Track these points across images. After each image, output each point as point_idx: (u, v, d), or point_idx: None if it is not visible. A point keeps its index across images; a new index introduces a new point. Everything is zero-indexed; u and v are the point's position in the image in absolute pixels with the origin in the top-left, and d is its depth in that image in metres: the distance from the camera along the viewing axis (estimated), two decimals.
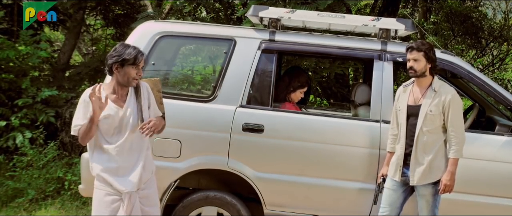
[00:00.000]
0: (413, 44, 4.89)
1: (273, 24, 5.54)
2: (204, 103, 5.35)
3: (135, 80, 4.23)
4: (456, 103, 4.80)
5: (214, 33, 5.58)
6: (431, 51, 4.87)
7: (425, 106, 4.82)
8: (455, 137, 4.78)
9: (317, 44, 5.47)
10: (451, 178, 4.77)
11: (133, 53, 4.19)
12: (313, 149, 5.23)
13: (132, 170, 4.28)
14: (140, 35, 5.48)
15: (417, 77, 4.91)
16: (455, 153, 4.78)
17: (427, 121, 4.80)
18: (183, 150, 5.27)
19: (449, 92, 4.81)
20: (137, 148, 4.30)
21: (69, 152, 8.73)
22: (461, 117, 4.84)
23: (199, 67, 10.99)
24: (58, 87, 9.33)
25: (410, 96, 4.98)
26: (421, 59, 4.84)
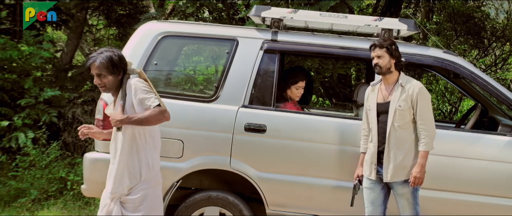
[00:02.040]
0: (375, 41, 4.93)
1: (276, 24, 5.54)
2: (206, 103, 5.35)
3: (99, 88, 4.32)
4: (424, 96, 4.83)
5: (216, 33, 5.58)
6: (393, 46, 4.90)
7: (394, 102, 4.84)
8: (424, 130, 4.79)
9: (319, 44, 5.47)
10: (421, 170, 4.77)
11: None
12: (315, 149, 5.23)
13: (113, 172, 4.34)
14: (143, 35, 5.49)
15: (383, 74, 4.92)
16: (425, 145, 4.78)
17: (397, 117, 4.81)
18: (185, 150, 5.27)
19: (416, 86, 4.84)
20: (125, 151, 4.31)
21: (72, 152, 8.74)
22: (429, 110, 4.86)
23: (201, 67, 10.99)
24: (61, 87, 9.35)
25: (378, 95, 4.99)
26: (384, 55, 4.86)
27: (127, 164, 4.30)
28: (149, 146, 4.38)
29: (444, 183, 5.21)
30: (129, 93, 4.27)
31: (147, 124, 4.25)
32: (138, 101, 4.24)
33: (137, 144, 4.33)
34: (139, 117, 4.19)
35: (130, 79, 4.32)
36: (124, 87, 4.29)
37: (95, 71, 4.24)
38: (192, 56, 10.62)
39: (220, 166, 5.30)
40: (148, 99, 4.24)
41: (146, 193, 4.36)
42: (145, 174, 4.34)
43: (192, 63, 10.53)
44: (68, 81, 10.05)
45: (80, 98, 9.57)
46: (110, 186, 4.35)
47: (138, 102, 4.25)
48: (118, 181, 4.31)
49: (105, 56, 4.26)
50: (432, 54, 5.47)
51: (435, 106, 12.53)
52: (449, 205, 5.20)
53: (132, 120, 4.19)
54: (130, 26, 10.97)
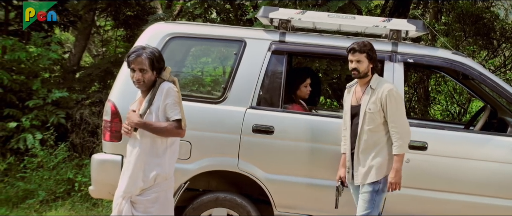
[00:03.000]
0: (355, 45, 4.83)
1: (283, 25, 5.54)
2: (214, 105, 5.36)
3: (135, 83, 4.31)
4: (393, 97, 4.73)
5: (224, 34, 5.59)
6: (373, 51, 4.85)
7: (364, 104, 4.81)
8: (396, 132, 4.71)
9: (327, 45, 5.47)
10: (396, 175, 4.72)
11: (128, 54, 4.29)
12: (323, 151, 5.24)
13: (129, 172, 4.34)
14: (150, 37, 5.50)
15: (360, 78, 4.89)
16: (397, 148, 4.71)
17: (367, 120, 4.77)
18: (193, 151, 5.28)
19: (385, 88, 4.75)
20: (145, 152, 4.33)
21: (79, 153, 8.76)
22: (400, 111, 4.77)
23: (209, 68, 11.00)
24: (69, 88, 9.38)
25: (353, 97, 4.98)
26: (363, 60, 4.81)
27: (143, 166, 4.32)
28: (170, 150, 4.43)
29: (453, 185, 5.19)
30: (159, 97, 4.31)
31: (160, 134, 4.32)
32: (163, 106, 4.30)
33: (158, 148, 4.36)
34: (155, 126, 4.26)
35: (163, 83, 4.35)
36: (155, 90, 4.32)
37: (138, 65, 4.25)
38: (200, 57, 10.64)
39: (228, 168, 5.31)
40: (172, 110, 4.31)
41: (158, 196, 4.38)
42: (160, 178, 4.37)
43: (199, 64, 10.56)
44: (76, 82, 10.10)
45: (88, 99, 9.59)
46: (123, 186, 4.36)
47: (163, 108, 4.30)
48: (132, 181, 4.33)
49: (150, 52, 4.31)
50: (441, 55, 5.45)
51: (443, 107, 12.49)
52: (458, 207, 5.19)
53: (148, 127, 4.26)
54: (138, 27, 10.99)
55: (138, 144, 4.34)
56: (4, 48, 9.52)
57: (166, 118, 4.33)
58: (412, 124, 5.34)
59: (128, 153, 4.41)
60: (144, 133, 4.31)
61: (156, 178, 4.34)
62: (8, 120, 8.61)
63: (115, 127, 5.25)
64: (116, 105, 5.28)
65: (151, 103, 4.30)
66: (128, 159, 4.40)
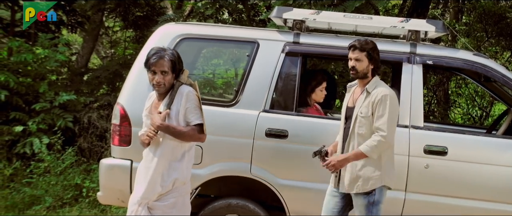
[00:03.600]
0: (356, 43, 4.73)
1: (298, 26, 5.55)
2: (226, 108, 5.38)
3: (155, 86, 4.32)
4: (385, 103, 4.57)
5: (236, 35, 5.60)
6: (375, 51, 4.74)
7: (357, 107, 4.70)
8: (376, 136, 4.55)
9: (343, 47, 5.46)
10: (342, 162, 4.62)
11: (148, 56, 4.31)
12: None
13: (147, 178, 4.35)
14: (160, 38, 5.52)
15: (359, 78, 4.78)
16: (367, 149, 4.55)
17: (358, 124, 4.65)
18: (204, 156, 5.30)
19: (380, 92, 4.62)
20: (166, 158, 4.36)
21: (87, 158, 8.80)
22: (390, 119, 4.56)
23: (220, 70, 11.04)
24: (76, 91, 9.42)
25: (350, 98, 4.89)
26: (363, 59, 4.69)
27: (162, 171, 4.36)
28: (188, 155, 4.47)
29: (474, 192, 5.17)
30: (178, 101, 4.34)
31: (181, 139, 4.36)
32: (184, 111, 4.34)
33: (177, 152, 4.40)
34: (177, 130, 4.31)
35: (182, 87, 4.38)
36: (173, 93, 4.35)
37: (160, 68, 4.28)
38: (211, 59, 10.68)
39: (240, 173, 5.32)
40: (193, 115, 4.37)
41: (176, 201, 4.42)
42: (178, 182, 4.41)
43: (211, 66, 10.60)
44: (83, 85, 10.14)
45: (96, 102, 9.64)
46: (141, 191, 4.37)
47: (183, 112, 4.34)
48: (151, 186, 4.35)
49: (171, 53, 4.36)
50: (461, 57, 5.44)
51: (464, 111, 12.44)
52: (480, 215, 5.16)
53: (171, 131, 4.30)
54: (148, 28, 11.03)
55: (158, 148, 4.36)
56: (10, 49, 9.60)
57: (186, 122, 4.37)
58: (431, 128, 5.34)
59: (146, 158, 4.43)
60: (165, 137, 4.34)
61: (174, 183, 4.38)
62: (14, 123, 8.66)
63: (124, 131, 5.28)
64: (125, 108, 5.31)
65: (170, 107, 4.33)
66: (145, 164, 4.42)
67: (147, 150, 4.43)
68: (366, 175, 4.63)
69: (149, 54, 4.31)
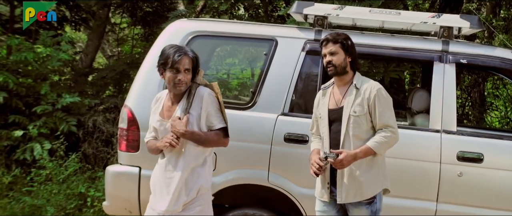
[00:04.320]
0: (327, 36, 4.66)
1: (319, 22, 5.55)
2: (241, 111, 5.40)
3: (178, 85, 4.31)
4: (383, 97, 4.56)
5: (253, 32, 5.62)
6: (349, 41, 4.65)
7: (348, 107, 4.58)
8: (385, 131, 4.51)
9: (368, 45, 5.47)
10: (350, 159, 4.44)
11: (169, 54, 4.29)
12: None
13: (171, 189, 4.35)
14: (171, 35, 5.56)
15: (337, 75, 4.65)
16: (377, 145, 4.49)
17: (352, 125, 4.53)
18: (218, 163, 5.32)
19: (373, 87, 4.57)
20: (190, 166, 4.37)
21: (92, 165, 8.84)
22: (391, 114, 4.58)
23: (236, 70, 11.05)
24: (80, 93, 9.46)
25: (330, 99, 4.72)
26: (339, 52, 4.60)
27: (187, 178, 4.36)
28: (209, 159, 4.50)
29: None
30: (197, 104, 4.36)
31: (205, 145, 4.40)
32: (205, 115, 4.37)
33: (200, 158, 4.42)
34: (201, 137, 4.35)
35: (200, 89, 4.41)
36: (191, 95, 4.37)
37: (184, 66, 4.29)
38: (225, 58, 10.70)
39: (257, 181, 5.33)
40: (216, 118, 4.41)
41: (202, 209, 4.43)
42: (203, 189, 4.43)
43: (225, 66, 10.61)
44: (88, 86, 10.20)
45: (101, 104, 9.69)
46: (165, 203, 4.35)
47: (204, 116, 4.37)
48: (175, 197, 4.34)
49: (192, 51, 4.41)
50: (499, 55, 5.42)
51: (502, 114, 12.37)
52: None
53: (195, 137, 4.33)
54: (157, 25, 11.10)
55: (181, 156, 4.37)
56: (10, 48, 9.66)
57: (208, 127, 4.40)
58: (465, 133, 5.32)
59: (166, 167, 4.41)
60: (187, 143, 4.35)
61: (199, 190, 4.39)
62: (13, 128, 8.70)
63: (132, 136, 5.31)
64: (133, 112, 5.35)
65: (189, 112, 4.34)
66: (164, 174, 4.40)
67: (166, 159, 4.42)
68: (367, 180, 4.55)
69: (169, 52, 4.30)
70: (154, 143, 4.49)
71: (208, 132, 4.39)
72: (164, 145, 4.32)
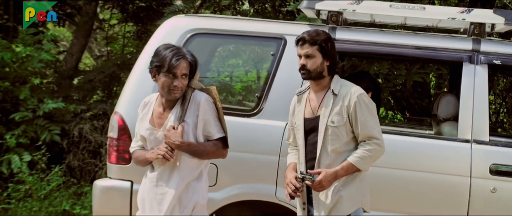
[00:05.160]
0: (304, 35, 4.53)
1: (334, 19, 5.56)
2: (246, 118, 5.42)
3: (173, 91, 4.28)
4: (365, 104, 4.43)
5: (258, 30, 5.63)
6: (329, 43, 4.52)
7: (324, 116, 4.48)
8: (369, 144, 4.40)
9: (389, 44, 5.47)
10: (331, 179, 4.37)
11: (167, 56, 4.24)
12: (383, 177, 5.22)
13: (163, 206, 4.34)
14: (167, 33, 5.57)
15: (312, 79, 4.57)
16: (359, 161, 4.38)
17: (330, 137, 4.45)
18: (220, 176, 5.33)
19: (353, 93, 4.45)
20: (180, 179, 4.35)
21: (78, 179, 8.85)
22: (375, 123, 4.47)
23: (240, 72, 11.06)
24: (65, 97, 9.48)
25: (306, 107, 4.64)
26: (316, 55, 4.47)
27: (181, 195, 4.36)
28: (205, 172, 4.51)
29: None
30: (193, 111, 4.36)
31: (201, 157, 4.41)
32: (203, 123, 4.37)
33: (195, 171, 4.42)
34: (199, 148, 4.35)
35: (196, 94, 4.40)
36: (187, 102, 4.36)
37: (181, 70, 4.27)
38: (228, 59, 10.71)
39: (263, 197, 5.34)
40: (214, 127, 4.41)
41: None
42: (199, 206, 4.44)
43: (228, 68, 10.63)
44: (73, 90, 10.21)
45: (88, 111, 9.71)
46: None
47: (202, 124, 4.37)
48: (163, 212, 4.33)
49: (191, 54, 4.40)
50: None
51: None
52: None
53: (193, 150, 4.34)
54: (151, 21, 11.12)
55: (175, 169, 4.35)
56: None
57: (205, 137, 4.40)
58: (499, 143, 5.31)
59: (157, 182, 4.39)
60: (182, 155, 4.34)
61: (194, 207, 4.40)
62: None
63: (123, 146, 5.32)
64: (124, 119, 5.36)
65: (183, 119, 4.33)
66: (155, 189, 4.38)
67: (158, 172, 4.40)
68: (347, 195, 4.47)
69: (166, 54, 4.26)
70: (142, 153, 4.47)
71: (205, 142, 4.39)
72: (156, 157, 4.30)
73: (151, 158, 4.37)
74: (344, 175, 4.42)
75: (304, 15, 6.80)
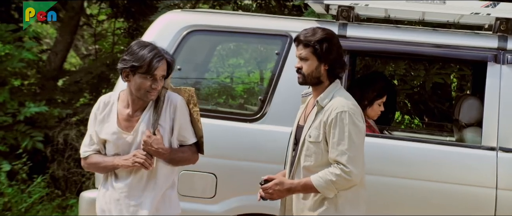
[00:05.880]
0: (299, 35, 4.42)
1: (344, 14, 5.55)
2: (248, 123, 5.44)
3: (150, 93, 4.28)
4: (342, 124, 4.20)
5: (262, 26, 5.64)
6: (327, 44, 4.34)
7: (306, 128, 4.38)
8: (335, 167, 4.16)
9: (406, 42, 5.47)
10: (282, 189, 4.30)
11: (147, 57, 4.21)
12: (399, 188, 5.25)
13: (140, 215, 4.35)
14: (162, 30, 5.59)
15: (308, 85, 4.50)
16: (318, 179, 4.17)
17: (305, 152, 4.34)
18: (219, 187, 5.34)
19: (335, 108, 4.24)
20: (157, 189, 4.36)
21: (63, 190, 8.85)
22: (349, 147, 4.18)
23: (241, 73, 11.07)
24: (48, 101, 9.48)
25: (304, 112, 4.60)
26: (310, 58, 4.34)
27: (158, 207, 4.36)
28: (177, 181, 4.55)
29: None
30: (167, 114, 4.36)
31: (177, 165, 4.47)
32: (178, 127, 4.39)
33: (170, 181, 4.45)
34: (178, 156, 4.40)
35: (172, 95, 4.41)
36: (161, 104, 4.36)
37: (162, 72, 4.27)
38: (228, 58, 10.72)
39: (267, 210, 5.32)
40: (189, 132, 4.45)
41: None
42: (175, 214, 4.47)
43: (228, 68, 10.64)
44: (58, 92, 10.21)
45: (74, 115, 9.71)
46: None
47: (178, 128, 4.39)
48: None
49: (169, 53, 4.41)
50: None
51: None
52: None
53: (172, 157, 4.37)
54: (144, 17, 11.12)
55: (151, 177, 4.34)
56: None
57: (179, 141, 4.42)
58: None
59: (129, 192, 4.35)
60: (158, 161, 4.34)
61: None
62: None
63: None
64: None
65: (158, 123, 4.32)
66: (125, 200, 4.34)
67: (129, 181, 4.35)
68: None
69: (145, 55, 4.22)
70: (105, 160, 4.39)
71: (182, 148, 4.43)
72: (131, 164, 4.26)
73: (122, 166, 4.30)
74: (300, 192, 4.30)
75: (312, 10, 6.82)
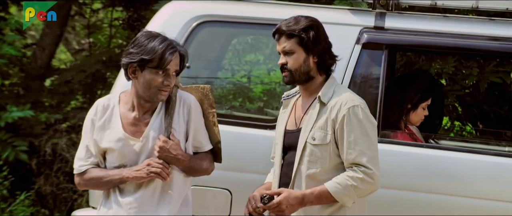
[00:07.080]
0: (280, 25, 4.43)
1: (382, 3, 5.57)
2: (268, 130, 5.46)
3: (162, 92, 4.29)
4: (357, 120, 4.22)
5: (285, 17, 5.67)
6: (312, 32, 4.35)
7: (306, 130, 4.33)
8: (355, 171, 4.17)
9: (456, 34, 5.47)
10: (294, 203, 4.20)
11: (158, 49, 4.22)
12: (449, 206, 5.25)
13: None
14: (167, 21, 5.63)
15: (297, 83, 4.47)
16: (335, 186, 4.16)
17: (307, 158, 4.29)
18: (235, 204, 5.39)
19: (344, 103, 4.24)
20: (174, 202, 4.40)
21: (51, 209, 8.90)
22: (368, 146, 4.24)
23: (260, 72, 11.10)
24: (34, 104, 9.52)
25: (291, 116, 4.56)
26: (296, 50, 4.33)
27: None
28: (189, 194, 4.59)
29: None
30: (181, 116, 4.40)
31: (195, 175, 4.52)
32: (193, 130, 4.43)
33: (184, 193, 4.49)
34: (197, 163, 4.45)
35: (183, 95, 4.45)
36: (174, 104, 4.39)
37: (175, 66, 4.30)
38: (245, 54, 10.76)
39: None
40: (204, 136, 4.50)
41: None
42: None
43: (245, 65, 10.68)
44: (45, 94, 10.26)
45: (65, 121, 9.76)
46: None
47: (193, 132, 4.43)
48: None
49: (182, 45, 4.49)
50: None
51: None
52: None
53: (189, 166, 4.41)
54: (146, 6, 11.18)
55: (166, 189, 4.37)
56: None
57: (195, 147, 4.46)
58: None
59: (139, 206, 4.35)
60: (173, 170, 4.35)
61: None
62: None
63: None
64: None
65: (172, 126, 4.34)
66: None
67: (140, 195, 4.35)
68: None
69: (155, 46, 4.23)
70: (110, 173, 4.36)
71: (200, 155, 4.47)
72: (146, 176, 4.25)
73: (134, 178, 4.29)
74: (315, 203, 4.24)
75: None
